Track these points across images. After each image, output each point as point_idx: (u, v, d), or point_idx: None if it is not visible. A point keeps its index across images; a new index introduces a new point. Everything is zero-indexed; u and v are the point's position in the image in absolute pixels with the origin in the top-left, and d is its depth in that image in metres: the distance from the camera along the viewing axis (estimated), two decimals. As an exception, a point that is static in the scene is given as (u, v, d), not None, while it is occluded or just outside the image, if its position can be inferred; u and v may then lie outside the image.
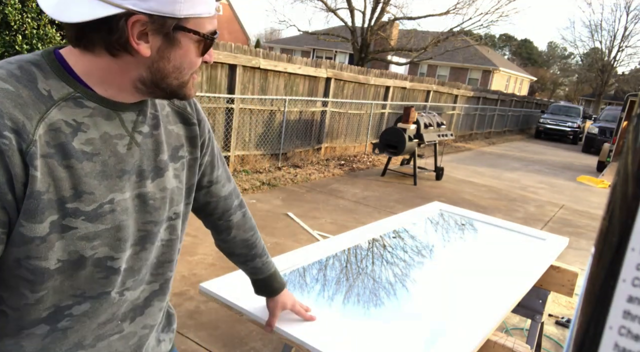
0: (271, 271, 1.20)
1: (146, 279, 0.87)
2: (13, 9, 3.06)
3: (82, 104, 0.72)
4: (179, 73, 0.76)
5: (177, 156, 0.88)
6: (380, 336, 1.27)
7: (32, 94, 0.67)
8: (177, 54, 0.74)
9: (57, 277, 0.73)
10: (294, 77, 7.03)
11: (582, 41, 79.88)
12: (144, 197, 0.80)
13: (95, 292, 0.78)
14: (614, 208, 0.26)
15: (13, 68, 0.68)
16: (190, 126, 0.92)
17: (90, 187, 0.72)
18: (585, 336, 0.27)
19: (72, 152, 0.70)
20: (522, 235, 2.35)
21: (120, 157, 0.76)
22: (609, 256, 0.26)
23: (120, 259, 0.78)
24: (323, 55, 27.04)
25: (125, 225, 0.77)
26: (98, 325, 0.81)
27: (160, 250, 0.88)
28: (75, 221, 0.71)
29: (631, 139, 0.25)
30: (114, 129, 0.76)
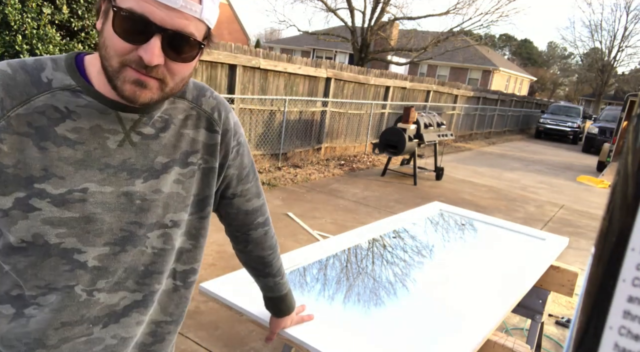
0: (282, 293, 1.15)
1: (128, 286, 0.82)
2: (13, 9, 3.06)
3: (79, 96, 0.74)
4: (104, 51, 0.71)
5: (186, 162, 0.84)
6: (380, 335, 1.27)
7: (28, 79, 0.71)
8: (105, 27, 0.71)
9: (21, 259, 0.73)
10: (294, 77, 7.03)
11: (582, 41, 79.88)
12: (131, 196, 0.78)
13: (59, 284, 0.75)
14: (614, 208, 0.26)
15: (31, 59, 0.74)
16: (212, 133, 0.88)
17: (62, 172, 0.72)
18: (585, 336, 0.27)
19: (50, 136, 0.71)
20: (522, 235, 2.35)
21: (107, 151, 0.75)
22: (609, 256, 0.26)
23: (87, 254, 0.75)
24: (323, 55, 27.05)
25: (97, 218, 0.75)
26: (62, 325, 0.77)
27: (150, 258, 0.83)
28: (40, 202, 0.71)
29: (631, 139, 0.25)
30: (108, 124, 0.75)
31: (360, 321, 1.34)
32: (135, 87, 0.71)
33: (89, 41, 3.55)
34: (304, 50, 28.07)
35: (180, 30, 0.70)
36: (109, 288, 0.80)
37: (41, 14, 3.23)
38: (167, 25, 0.68)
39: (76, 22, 3.44)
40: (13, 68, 0.71)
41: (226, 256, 3.61)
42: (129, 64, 0.70)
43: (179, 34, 0.70)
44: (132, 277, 0.82)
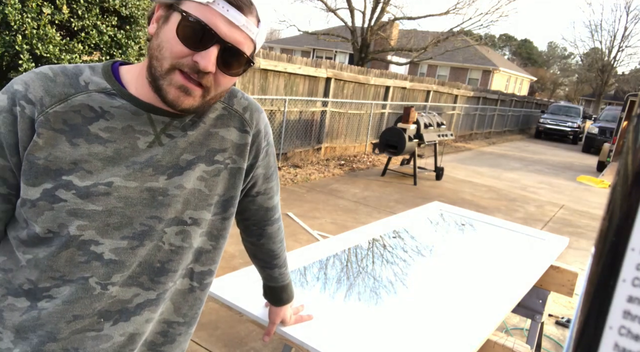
0: (285, 283, 1.18)
1: (142, 283, 0.81)
2: (13, 9, 3.06)
3: (114, 98, 0.78)
4: (159, 52, 0.74)
5: (213, 160, 0.85)
6: (380, 335, 1.27)
7: (67, 81, 0.77)
8: (163, 30, 0.75)
9: (44, 248, 0.76)
10: (294, 77, 7.03)
11: (582, 41, 79.99)
12: (154, 192, 0.79)
13: (74, 275, 0.76)
14: (614, 208, 0.26)
15: (71, 65, 0.79)
16: (243, 133, 0.89)
17: (91, 166, 0.75)
18: (585, 336, 0.27)
19: (83, 133, 0.75)
20: (522, 235, 2.35)
21: (136, 150, 0.78)
22: (609, 256, 0.26)
23: (104, 246, 0.76)
24: (323, 55, 27.04)
25: (119, 212, 0.76)
26: (75, 318, 0.77)
27: (166, 255, 0.82)
28: (66, 193, 0.73)
29: (631, 139, 0.25)
30: (140, 125, 0.78)
31: (360, 320, 1.34)
32: (179, 92, 0.75)
33: (89, 41, 3.56)
34: (304, 50, 28.06)
35: (236, 46, 0.75)
36: (122, 282, 0.79)
37: (41, 14, 3.23)
38: (226, 38, 0.74)
39: (76, 22, 3.44)
40: (54, 72, 0.77)
41: (226, 256, 3.61)
42: (180, 67, 0.74)
43: (234, 49, 0.75)
44: (147, 274, 0.81)
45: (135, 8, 3.81)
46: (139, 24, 3.91)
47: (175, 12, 0.74)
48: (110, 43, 3.72)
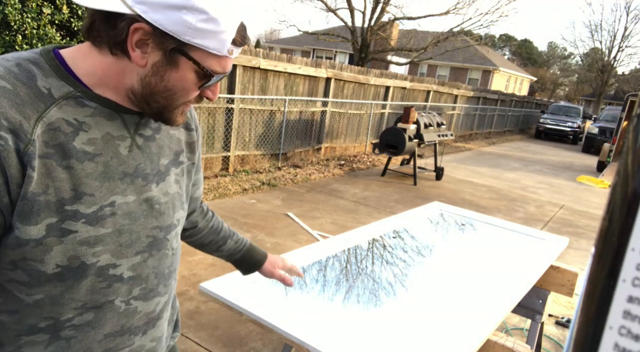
0: (247, 246, 1.19)
1: (160, 291, 0.85)
2: (13, 9, 3.06)
3: (83, 103, 0.71)
4: (168, 95, 0.74)
5: (178, 161, 0.87)
6: (380, 336, 1.27)
7: (30, 92, 0.66)
8: (171, 76, 0.72)
9: (57, 284, 0.71)
10: (294, 77, 7.03)
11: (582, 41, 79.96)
12: (151, 201, 0.79)
13: (98, 302, 0.75)
14: (614, 208, 0.26)
15: (11, 65, 0.67)
16: (190, 131, 0.92)
17: (91, 189, 0.70)
18: (585, 336, 0.27)
19: (72, 152, 0.68)
20: (522, 235, 2.35)
21: (121, 158, 0.75)
22: (609, 256, 0.26)
23: (122, 266, 0.76)
24: (323, 55, 27.04)
25: (127, 229, 0.76)
26: (105, 337, 0.78)
27: (171, 259, 0.86)
28: (75, 224, 0.69)
29: (631, 139, 0.25)
30: (116, 130, 0.75)
31: (360, 321, 1.34)
32: (184, 116, 0.80)
33: (89, 41, 3.56)
34: (304, 50, 28.06)
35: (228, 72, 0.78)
36: (143, 296, 0.82)
37: (41, 14, 3.23)
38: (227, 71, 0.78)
39: (76, 22, 3.44)
40: (9, 82, 0.65)
41: (226, 256, 3.61)
42: (189, 101, 0.77)
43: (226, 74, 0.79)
44: (161, 282, 0.85)
45: (135, 8, 3.81)
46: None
47: (183, 57, 0.71)
48: (110, 43, 3.73)
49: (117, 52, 0.70)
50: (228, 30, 0.71)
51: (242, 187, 5.56)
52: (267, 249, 3.86)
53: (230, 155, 6.22)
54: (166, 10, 0.66)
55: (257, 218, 4.60)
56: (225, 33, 0.71)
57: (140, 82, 0.72)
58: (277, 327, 1.24)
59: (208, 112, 5.75)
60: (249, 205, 5.01)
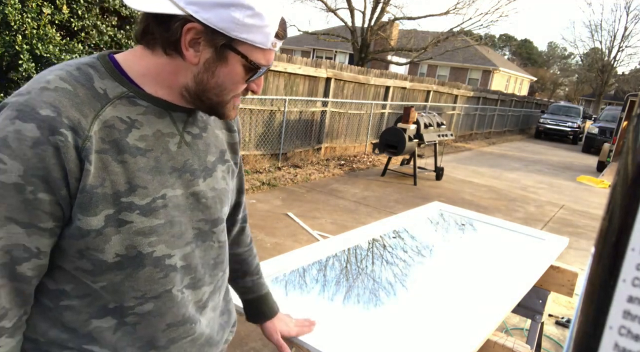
0: (262, 293, 1.15)
1: (206, 280, 0.89)
2: (13, 9, 3.06)
3: (136, 103, 0.76)
4: (219, 90, 0.78)
5: (224, 159, 0.92)
6: (380, 336, 1.27)
7: (88, 93, 0.72)
8: (221, 71, 0.77)
9: (117, 273, 0.76)
10: (294, 77, 7.03)
11: (582, 41, 79.99)
12: (197, 196, 0.83)
13: (156, 292, 0.79)
14: (614, 208, 0.26)
15: (72, 69, 0.74)
16: (232, 133, 0.96)
17: (144, 182, 0.75)
18: (585, 336, 0.27)
19: (125, 148, 0.74)
20: (522, 235, 2.35)
21: (171, 154, 0.79)
22: (609, 256, 0.26)
23: (175, 256, 0.81)
24: (323, 55, 27.04)
25: (177, 221, 0.80)
26: (168, 326, 0.82)
27: (216, 252, 0.90)
28: (130, 214, 0.74)
29: (631, 139, 0.25)
30: (166, 127, 0.79)
31: (360, 321, 1.34)
32: (236, 110, 0.85)
33: (89, 41, 3.55)
34: (304, 50, 28.06)
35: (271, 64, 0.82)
36: (192, 285, 0.85)
37: (41, 14, 3.23)
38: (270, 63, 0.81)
39: (76, 22, 3.44)
40: (71, 84, 0.71)
41: (226, 256, 3.61)
42: (238, 95, 0.82)
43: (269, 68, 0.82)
44: (207, 272, 0.89)
45: (135, 8, 3.81)
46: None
47: (231, 52, 0.75)
48: (110, 43, 3.72)
49: (170, 53, 0.75)
50: (271, 24, 0.75)
51: (242, 187, 5.56)
52: (267, 249, 3.86)
53: (230, 155, 6.22)
54: (216, 8, 0.70)
55: (257, 218, 4.60)
56: (269, 27, 0.75)
57: (193, 79, 0.77)
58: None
59: (208, 112, 5.75)
60: (249, 205, 5.01)
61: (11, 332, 0.72)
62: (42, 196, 0.68)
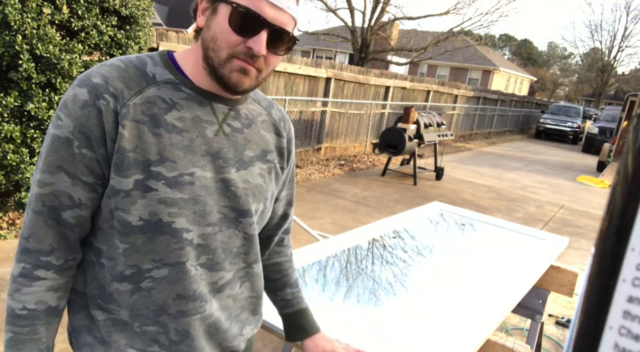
0: (301, 307, 1.12)
1: (225, 267, 0.91)
2: (13, 9, 3.05)
3: (180, 89, 0.84)
4: (214, 44, 0.80)
5: (266, 159, 0.95)
6: (380, 336, 1.27)
7: (138, 73, 0.82)
8: (214, 22, 0.81)
9: (139, 236, 0.81)
10: (294, 77, 7.03)
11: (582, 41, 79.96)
12: (227, 182, 0.87)
13: (171, 260, 0.84)
14: (614, 208, 0.26)
15: (133, 57, 0.85)
16: (280, 137, 0.99)
17: (174, 156, 0.81)
18: (585, 336, 0.27)
19: (162, 123, 0.81)
20: (522, 235, 2.35)
21: (206, 139, 0.85)
22: (609, 256, 0.26)
23: (193, 232, 0.84)
24: (323, 55, 27.03)
25: (202, 200, 0.84)
26: (178, 296, 0.86)
27: (241, 242, 0.93)
28: (156, 183, 0.80)
29: (631, 139, 0.25)
30: (205, 115, 0.85)
31: (360, 320, 1.34)
32: (240, 74, 0.82)
33: (89, 41, 3.55)
34: (304, 50, 28.06)
35: (283, 27, 0.81)
36: (209, 266, 0.88)
37: (41, 14, 3.22)
38: (274, 22, 0.80)
39: (76, 22, 3.44)
40: (125, 63, 0.82)
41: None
42: (236, 55, 0.81)
43: (281, 30, 0.81)
44: (228, 258, 0.91)
45: (135, 8, 3.80)
46: (139, 24, 3.91)
47: (222, 3, 0.79)
48: (110, 43, 3.72)
49: (198, 36, 0.84)
50: None
51: (242, 187, 5.56)
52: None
53: (230, 155, 6.22)
54: None
55: (257, 218, 4.60)
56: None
57: (202, 44, 0.83)
58: (277, 327, 1.24)
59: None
60: (249, 205, 5.01)
61: (59, 270, 0.83)
62: (85, 151, 0.78)
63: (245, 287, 0.99)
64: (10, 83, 3.32)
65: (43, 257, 0.81)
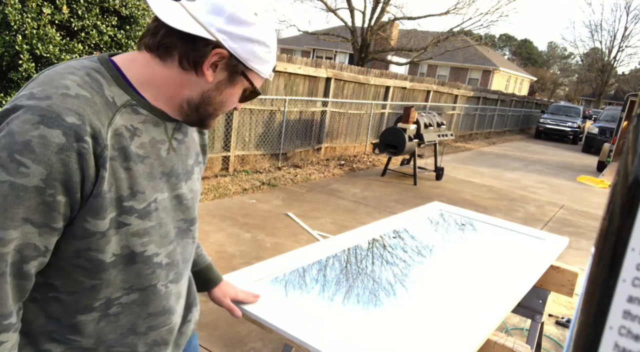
0: (207, 263, 1.25)
1: (184, 274, 0.96)
2: (13, 9, 3.06)
3: (137, 111, 0.81)
4: (219, 106, 0.86)
5: (198, 161, 0.98)
6: (380, 335, 1.27)
7: (102, 101, 0.76)
8: (228, 92, 0.85)
9: (112, 271, 0.80)
10: (294, 77, 7.03)
11: (582, 41, 79.93)
12: (180, 198, 0.90)
13: (142, 285, 0.85)
14: (614, 208, 0.26)
15: (83, 75, 0.76)
16: (202, 135, 1.03)
17: (142, 187, 0.80)
18: (585, 336, 0.27)
19: (130, 155, 0.78)
20: (522, 235, 2.35)
21: (162, 160, 0.85)
22: (609, 256, 0.26)
23: (161, 254, 0.87)
24: (323, 55, 27.03)
25: (165, 222, 0.86)
26: (149, 315, 0.89)
27: (191, 247, 0.97)
28: (129, 217, 0.79)
29: (631, 139, 0.25)
30: (159, 135, 0.85)
31: (360, 321, 1.34)
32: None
33: (89, 41, 3.55)
34: (304, 50, 28.05)
35: None
36: (176, 279, 0.93)
37: (41, 14, 3.22)
38: None
39: (76, 22, 3.44)
40: (88, 91, 0.74)
41: (226, 256, 3.61)
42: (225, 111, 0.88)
43: None
44: (186, 265, 0.96)
45: (135, 8, 3.81)
46: (139, 24, 3.91)
47: (242, 78, 0.84)
48: (110, 43, 3.72)
49: (187, 68, 0.80)
50: (274, 59, 0.88)
51: (242, 187, 5.57)
52: (267, 249, 3.86)
53: (230, 155, 6.22)
54: (243, 41, 0.80)
55: (257, 218, 4.60)
56: (273, 61, 0.88)
57: (201, 95, 0.83)
58: (277, 327, 1.24)
59: (208, 112, 5.75)
60: (249, 205, 5.01)
61: (17, 327, 0.76)
62: (60, 198, 0.71)
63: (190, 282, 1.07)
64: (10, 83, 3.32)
65: (5, 321, 0.72)
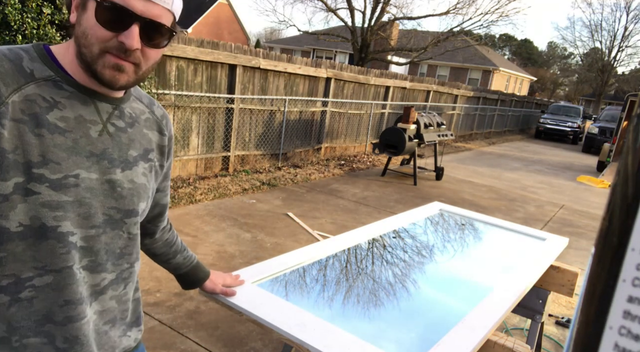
0: (193, 263, 1.25)
1: (107, 268, 0.90)
2: (13, 9, 3.06)
3: (61, 87, 0.80)
4: (85, 40, 0.78)
5: (147, 158, 0.96)
6: (380, 335, 1.27)
7: (14, 67, 0.76)
8: (83, 18, 0.79)
9: (19, 243, 0.77)
10: (294, 77, 7.03)
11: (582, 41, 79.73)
12: (113, 183, 0.87)
13: (57, 265, 0.81)
14: (614, 208, 0.26)
15: (4, 48, 0.78)
16: (162, 136, 1.00)
17: (58, 158, 0.78)
18: (585, 336, 0.27)
19: (44, 123, 0.77)
20: (522, 235, 2.35)
21: (90, 139, 0.83)
22: (609, 256, 0.26)
23: (77, 235, 0.83)
24: (323, 55, 27.03)
25: (87, 203, 0.83)
26: (65, 303, 0.83)
27: (125, 242, 0.93)
28: (39, 186, 0.76)
29: (631, 139, 0.25)
30: (89, 115, 0.83)
31: (360, 321, 1.34)
32: (114, 71, 0.80)
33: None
34: (304, 50, 28.05)
35: (155, 19, 0.80)
36: (90, 267, 0.87)
37: (41, 14, 3.23)
38: (145, 15, 0.78)
39: (76, 22, 3.45)
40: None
41: (226, 256, 3.61)
42: (109, 50, 0.79)
43: (154, 23, 0.80)
44: (110, 259, 0.91)
45: (135, 8, 3.81)
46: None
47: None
48: (110, 43, 3.72)
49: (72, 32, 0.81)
50: None
51: (242, 187, 5.57)
52: (267, 249, 3.86)
53: (230, 155, 6.22)
54: None
55: (257, 218, 4.60)
56: None
57: (75, 40, 0.81)
58: (277, 327, 1.24)
59: (208, 112, 5.75)
60: (249, 205, 5.01)
61: None
62: None
63: (129, 288, 0.98)
64: (10, 83, 3.33)
65: None
